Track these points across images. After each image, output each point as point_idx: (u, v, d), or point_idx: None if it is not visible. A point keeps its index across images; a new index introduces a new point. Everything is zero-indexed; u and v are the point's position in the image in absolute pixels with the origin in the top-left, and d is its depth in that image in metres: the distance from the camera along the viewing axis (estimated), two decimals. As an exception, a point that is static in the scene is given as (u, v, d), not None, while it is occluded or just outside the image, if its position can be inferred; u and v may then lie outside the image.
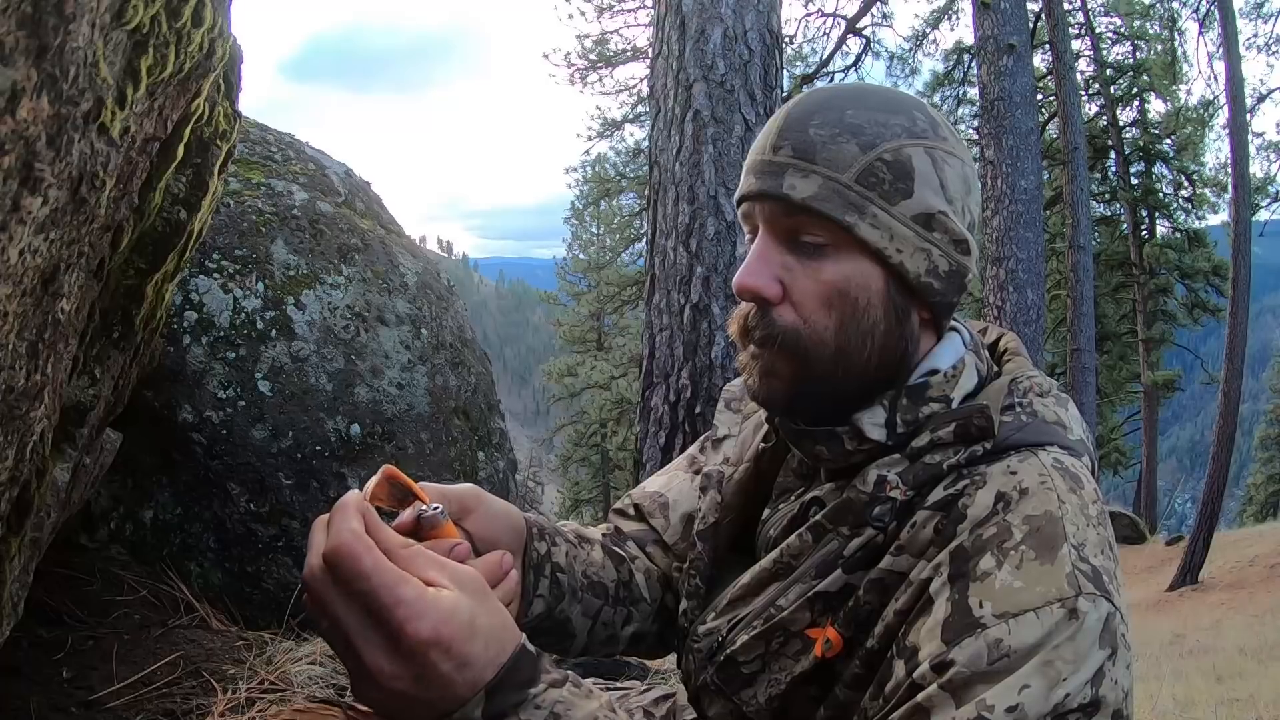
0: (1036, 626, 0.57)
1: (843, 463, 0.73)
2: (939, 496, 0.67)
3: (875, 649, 0.66)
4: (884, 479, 0.68)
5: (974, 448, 0.67)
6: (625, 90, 15.63)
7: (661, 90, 3.88)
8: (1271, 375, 24.91)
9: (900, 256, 0.70)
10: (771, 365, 0.72)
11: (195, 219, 1.15)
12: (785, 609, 0.72)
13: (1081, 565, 0.60)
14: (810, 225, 0.70)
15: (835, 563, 0.70)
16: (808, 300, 0.70)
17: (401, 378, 2.11)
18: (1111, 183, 16.79)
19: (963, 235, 0.72)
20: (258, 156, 2.23)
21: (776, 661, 0.73)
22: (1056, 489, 0.64)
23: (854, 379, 0.72)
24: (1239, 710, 3.37)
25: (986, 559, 0.61)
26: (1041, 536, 0.61)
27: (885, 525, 0.68)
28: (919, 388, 0.72)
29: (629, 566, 0.93)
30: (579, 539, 0.91)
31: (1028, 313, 7.60)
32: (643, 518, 0.99)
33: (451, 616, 0.52)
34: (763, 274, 0.71)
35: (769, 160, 0.71)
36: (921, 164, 0.70)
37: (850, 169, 0.68)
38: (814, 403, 0.73)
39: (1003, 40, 7.92)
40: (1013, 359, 0.79)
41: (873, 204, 0.68)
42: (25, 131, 0.49)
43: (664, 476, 1.02)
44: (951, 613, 0.60)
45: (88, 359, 1.01)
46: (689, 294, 3.75)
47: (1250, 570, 9.69)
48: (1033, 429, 0.69)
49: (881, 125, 0.70)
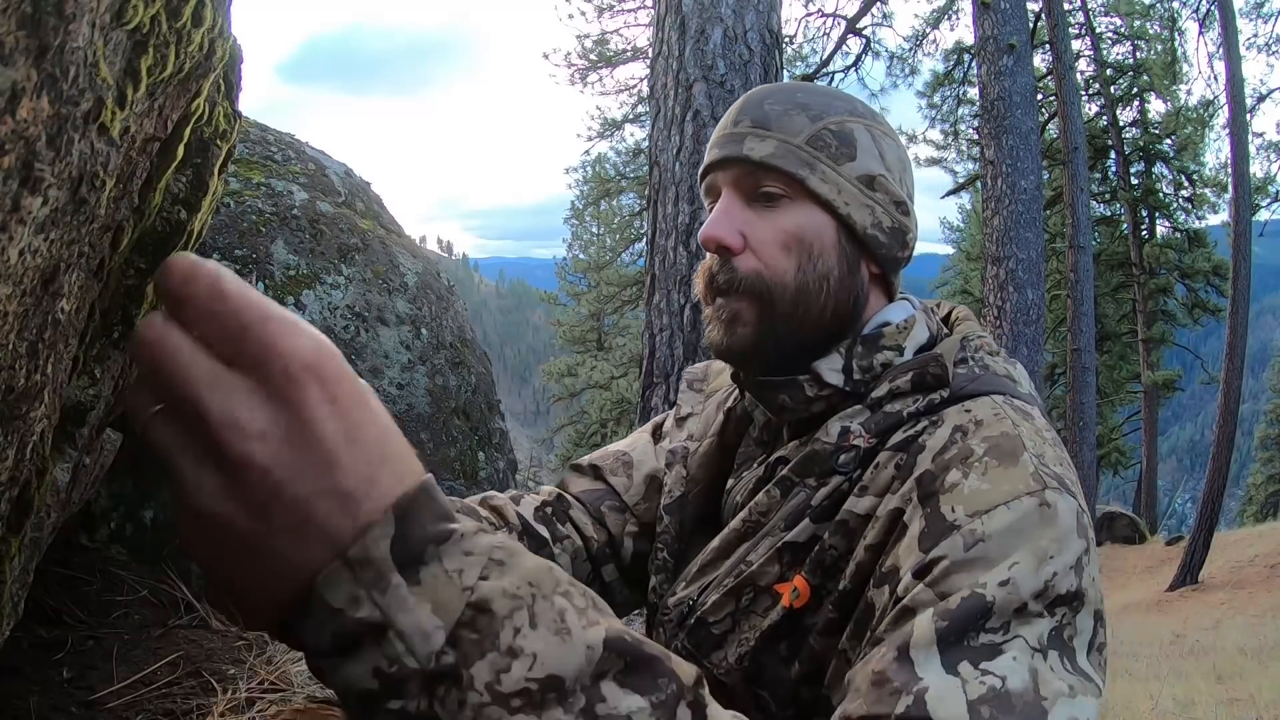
0: (1009, 515, 0.60)
1: (804, 412, 0.77)
2: (898, 439, 0.71)
3: (848, 589, 0.68)
4: (847, 429, 0.73)
5: (931, 396, 0.72)
6: (625, 90, 15.63)
7: (661, 90, 3.88)
8: (1271, 375, 24.92)
9: (848, 209, 0.77)
10: (736, 311, 0.77)
11: (195, 219, 1.15)
12: (754, 564, 0.75)
13: (1044, 468, 0.63)
14: (767, 179, 0.77)
15: (803, 513, 0.73)
16: (767, 246, 0.76)
17: (401, 377, 2.11)
18: (1111, 183, 16.79)
19: (901, 197, 0.79)
20: (258, 156, 2.23)
21: (746, 620, 0.75)
22: (1010, 417, 0.68)
23: (811, 323, 0.76)
24: (1239, 710, 3.37)
25: (953, 474, 0.64)
26: (1001, 450, 0.65)
27: (850, 472, 0.72)
28: (873, 336, 0.77)
29: (550, 551, 0.89)
30: (490, 527, 0.80)
31: (1028, 313, 7.60)
32: (601, 477, 0.98)
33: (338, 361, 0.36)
34: (725, 225, 0.77)
35: (730, 133, 0.79)
36: (863, 137, 0.78)
37: (801, 134, 0.77)
38: (776, 349, 0.77)
39: (1003, 40, 7.92)
40: (963, 323, 0.83)
41: (821, 162, 0.76)
42: (25, 131, 0.49)
43: (627, 440, 1.03)
44: (926, 525, 0.63)
45: (88, 359, 1.01)
46: (689, 294, 3.75)
47: (1250, 570, 9.69)
48: (984, 380, 0.73)
49: (826, 105, 0.79)
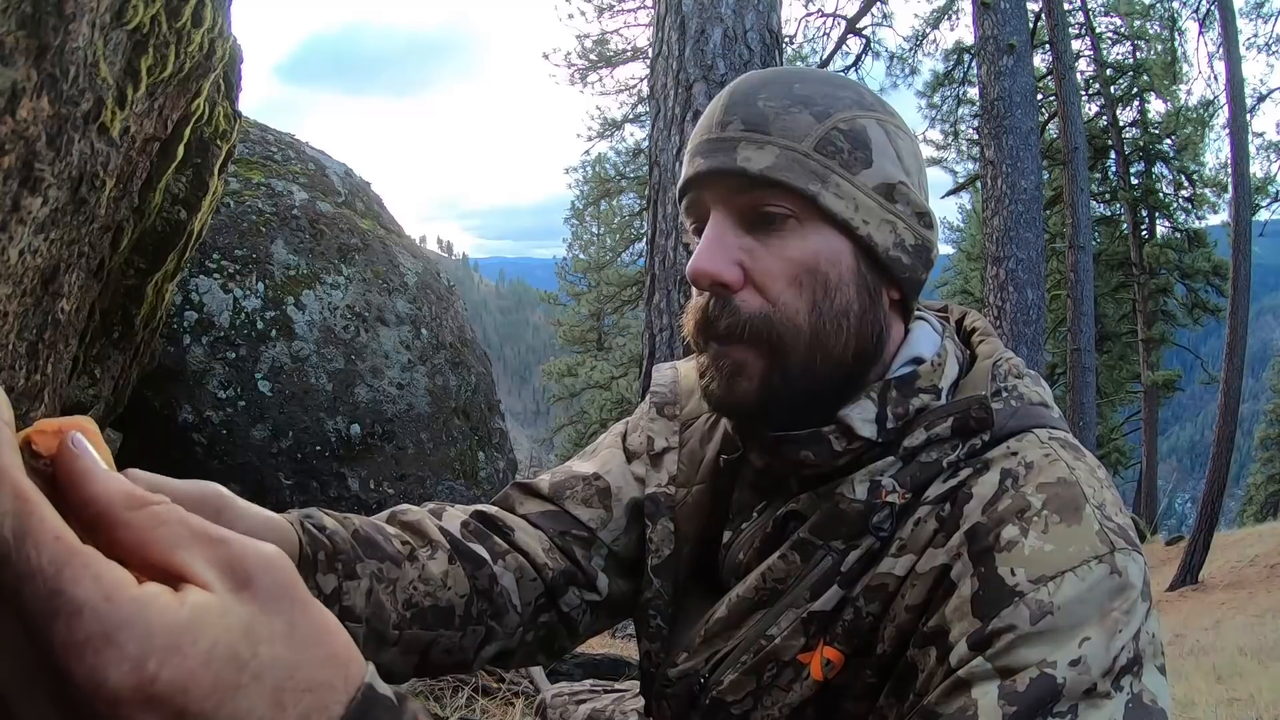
0: (1079, 584, 0.54)
1: (828, 467, 0.67)
2: (938, 491, 0.63)
3: (888, 653, 0.62)
4: (878, 485, 0.63)
5: (972, 441, 0.63)
6: (625, 90, 15.62)
7: (661, 90, 3.87)
8: (1271, 375, 24.90)
9: (868, 229, 0.64)
10: (740, 363, 0.65)
11: (195, 219, 1.15)
12: (776, 638, 0.66)
13: (1108, 523, 0.57)
14: (769, 198, 0.64)
15: (832, 580, 0.64)
16: (773, 281, 0.64)
17: (401, 378, 2.11)
18: (1111, 183, 16.78)
19: (924, 207, 0.68)
20: (258, 156, 2.23)
21: (769, 695, 0.67)
22: (1062, 458, 0.61)
23: (829, 370, 0.65)
24: (1239, 710, 3.37)
25: (1009, 529, 0.57)
26: (1061, 500, 0.58)
27: (889, 532, 0.63)
28: (908, 378, 0.66)
29: (489, 570, 0.75)
30: (406, 549, 0.71)
31: (1028, 313, 7.59)
32: (558, 502, 0.83)
33: (190, 640, 0.26)
34: (720, 257, 0.64)
35: (717, 137, 0.65)
36: (876, 135, 0.66)
37: (807, 138, 0.63)
38: (787, 403, 0.65)
39: (1003, 40, 7.92)
40: (985, 340, 0.73)
41: (834, 173, 0.63)
42: (25, 131, 0.49)
43: (595, 459, 0.87)
44: (981, 587, 0.56)
45: (88, 359, 1.01)
46: (689, 294, 3.75)
47: (1250, 570, 9.69)
48: (1022, 413, 0.66)
49: (831, 97, 0.65)
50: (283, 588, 0.30)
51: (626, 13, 14.71)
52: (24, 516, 0.26)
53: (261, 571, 0.30)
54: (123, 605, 0.25)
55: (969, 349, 0.73)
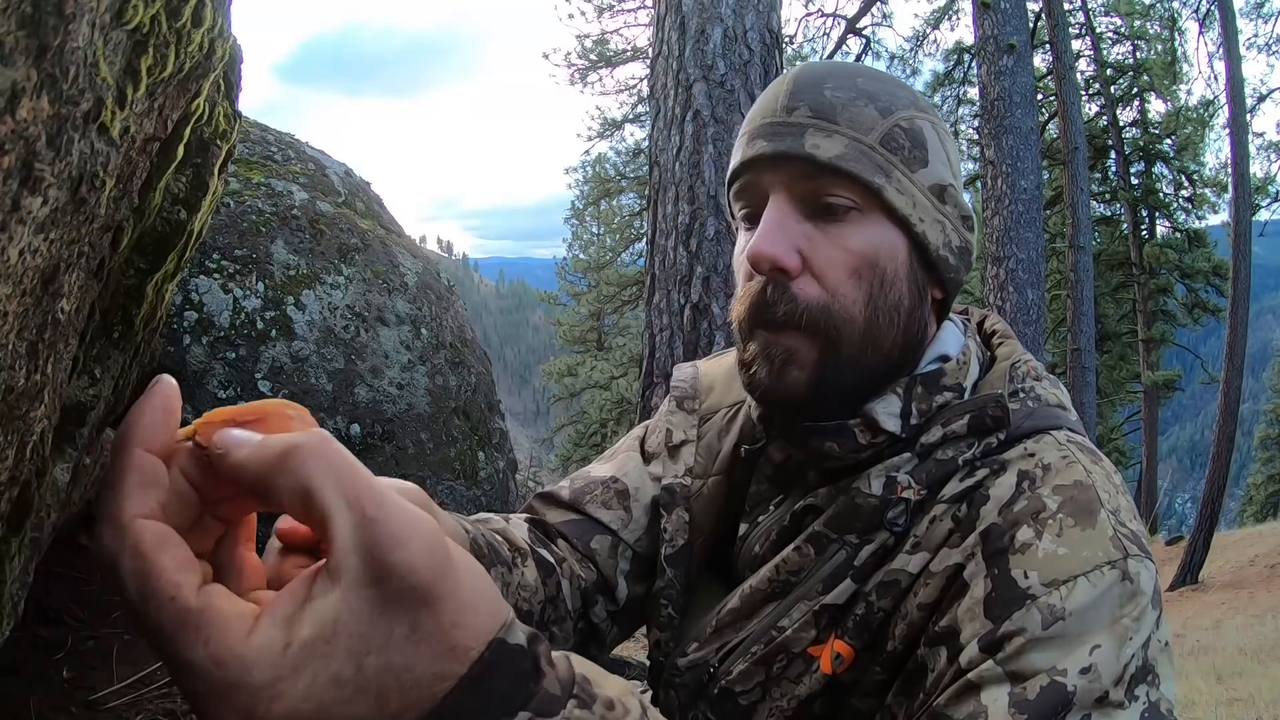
0: (1091, 590, 0.54)
1: (850, 460, 0.67)
2: (955, 490, 0.63)
3: (897, 650, 0.62)
4: (894, 480, 0.64)
5: (988, 439, 0.63)
6: (625, 90, 15.62)
7: (661, 90, 3.87)
8: (1271, 375, 24.90)
9: (923, 226, 0.65)
10: (792, 350, 0.64)
11: (195, 219, 1.15)
12: (788, 629, 0.66)
13: (1121, 529, 0.58)
14: (834, 186, 0.64)
15: (845, 574, 0.65)
16: (833, 270, 0.64)
17: (401, 378, 2.11)
18: (1111, 183, 16.78)
19: (968, 211, 0.69)
20: (258, 156, 2.23)
21: (778, 687, 0.67)
22: (1079, 460, 0.62)
23: (877, 363, 0.65)
24: (1239, 710, 3.37)
25: (1024, 530, 0.58)
26: (1077, 504, 0.58)
27: (903, 528, 0.63)
28: (934, 375, 0.67)
29: (557, 577, 0.78)
30: (514, 554, 0.74)
31: (1028, 313, 7.59)
32: (580, 509, 0.84)
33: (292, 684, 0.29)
34: (781, 242, 0.63)
35: (782, 121, 0.65)
36: (931, 136, 0.67)
37: (873, 131, 0.64)
38: (835, 394, 0.65)
39: (1003, 40, 7.92)
40: (1004, 342, 0.74)
41: (896, 169, 0.64)
42: (25, 131, 0.49)
43: (612, 462, 0.88)
44: (993, 589, 0.56)
45: (88, 359, 1.01)
46: (689, 294, 3.75)
47: (1250, 570, 9.69)
48: (1040, 414, 0.66)
49: (892, 95, 0.66)
50: (416, 589, 0.30)
51: (626, 13, 14.72)
52: (144, 579, 0.30)
53: (401, 572, 0.30)
54: (229, 669, 0.28)
55: (989, 350, 0.74)
